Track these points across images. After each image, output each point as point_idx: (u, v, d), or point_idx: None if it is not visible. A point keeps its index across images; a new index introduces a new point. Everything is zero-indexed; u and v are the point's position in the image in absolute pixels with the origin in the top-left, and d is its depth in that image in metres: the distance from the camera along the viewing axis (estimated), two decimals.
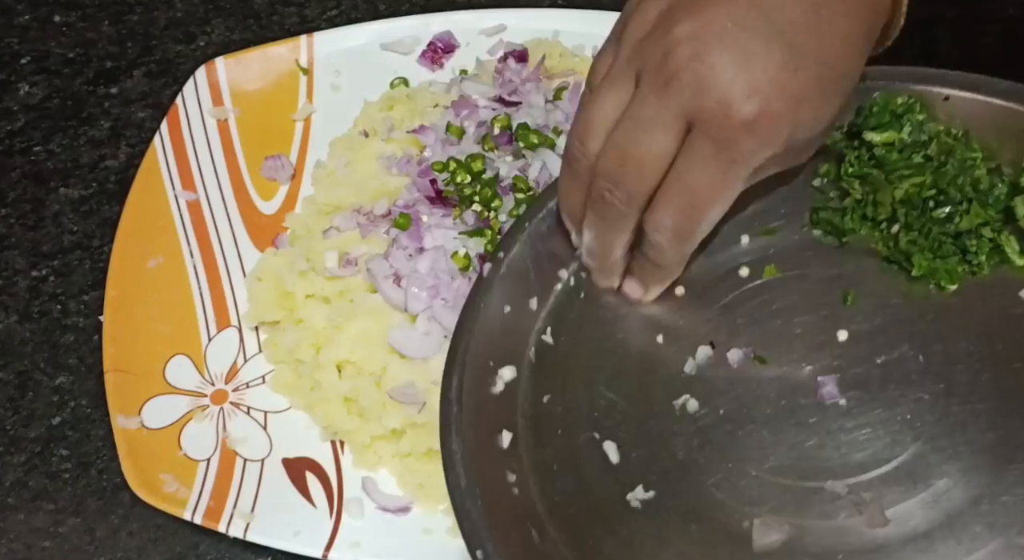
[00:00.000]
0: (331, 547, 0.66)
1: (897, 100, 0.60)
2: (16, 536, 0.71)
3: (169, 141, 0.84)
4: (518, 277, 0.60)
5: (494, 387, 0.57)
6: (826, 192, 0.62)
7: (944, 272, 0.57)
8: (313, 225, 0.79)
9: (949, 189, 0.58)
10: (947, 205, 0.58)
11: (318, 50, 0.89)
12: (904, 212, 0.58)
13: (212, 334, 0.76)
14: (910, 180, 0.58)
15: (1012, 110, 0.59)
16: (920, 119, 0.59)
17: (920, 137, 0.59)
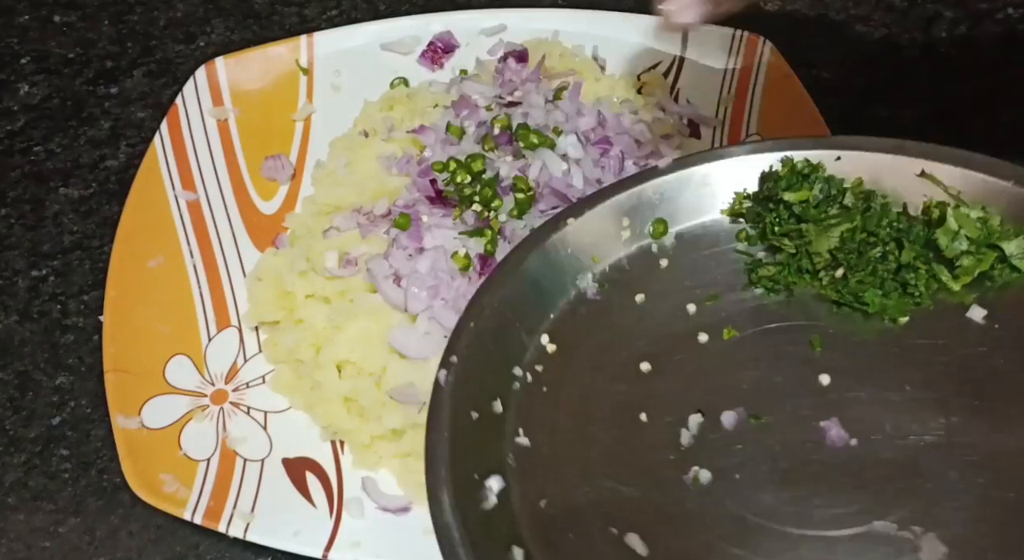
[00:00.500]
0: (331, 547, 0.66)
1: (797, 164, 0.64)
2: (16, 536, 0.71)
3: (169, 141, 0.84)
4: (474, 381, 0.58)
5: (486, 502, 0.54)
6: (752, 254, 0.64)
7: (893, 306, 0.60)
8: (313, 225, 0.79)
9: (878, 231, 0.62)
10: (878, 245, 0.62)
11: (318, 50, 0.89)
12: (843, 256, 0.61)
13: (212, 334, 0.76)
14: (840, 227, 0.62)
15: (896, 161, 0.64)
16: (826, 176, 0.64)
17: (830, 192, 0.63)
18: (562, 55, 0.87)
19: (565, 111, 0.79)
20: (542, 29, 0.89)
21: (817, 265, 0.62)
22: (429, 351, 0.70)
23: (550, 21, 0.89)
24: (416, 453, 0.69)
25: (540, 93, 0.81)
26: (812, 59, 0.87)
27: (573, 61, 0.86)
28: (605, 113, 0.80)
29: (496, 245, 0.72)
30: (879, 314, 0.60)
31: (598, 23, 0.89)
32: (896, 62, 0.92)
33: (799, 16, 0.96)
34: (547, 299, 0.63)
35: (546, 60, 0.84)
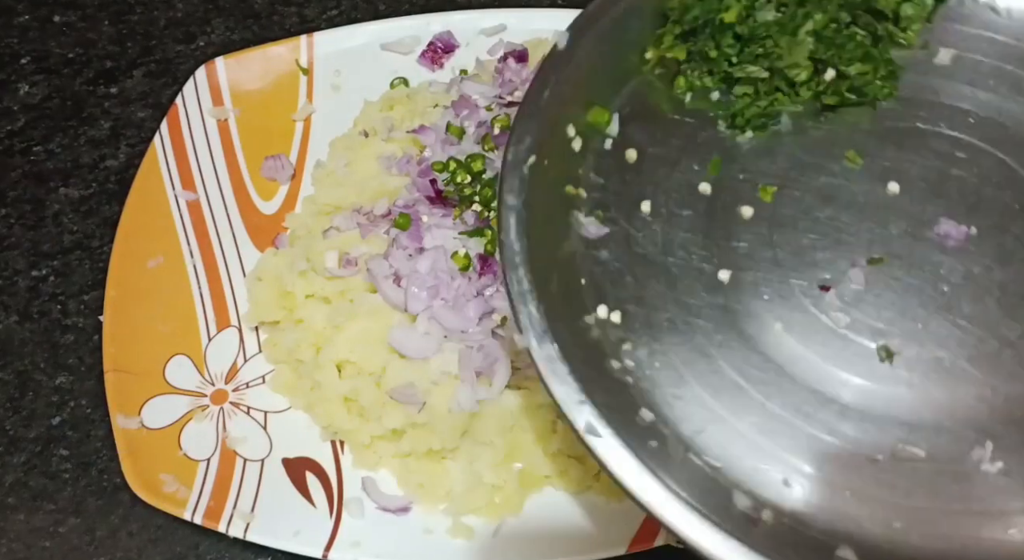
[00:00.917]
0: (331, 547, 0.66)
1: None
2: (16, 536, 0.71)
3: (169, 141, 0.84)
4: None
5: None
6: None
7: (888, 87, 0.60)
8: (313, 225, 0.79)
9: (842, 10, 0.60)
10: (854, 26, 0.60)
11: (318, 50, 0.89)
12: (830, 54, 0.59)
13: (212, 334, 0.76)
14: (808, 26, 0.59)
15: None
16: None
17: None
18: None
19: None
20: (542, 29, 0.88)
21: (798, 78, 0.59)
22: (429, 351, 0.70)
23: (550, 21, 0.89)
24: (416, 453, 0.69)
25: None
26: None
27: None
28: None
29: (496, 245, 0.72)
30: (874, 99, 0.60)
31: None
32: None
33: None
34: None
35: None
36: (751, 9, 0.59)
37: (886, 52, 0.60)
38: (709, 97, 0.60)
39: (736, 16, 0.58)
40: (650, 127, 0.58)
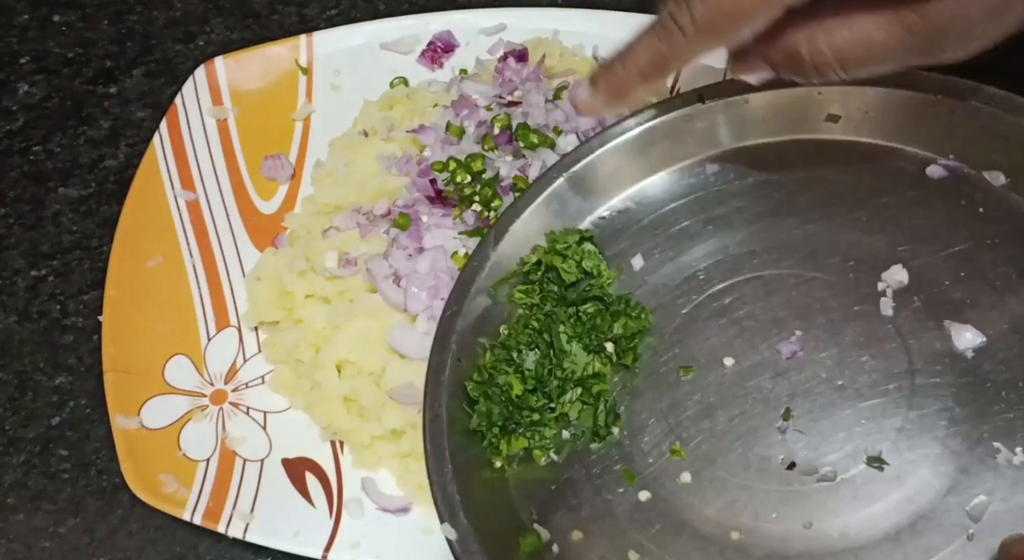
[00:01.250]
0: (331, 547, 0.66)
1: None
2: (16, 536, 0.71)
3: (168, 141, 0.84)
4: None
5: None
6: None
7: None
8: (313, 225, 0.79)
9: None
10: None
11: (318, 50, 0.89)
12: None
13: (211, 334, 0.76)
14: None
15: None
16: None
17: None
18: (562, 55, 0.86)
19: (565, 111, 0.79)
20: (542, 29, 0.88)
21: (598, 369, 0.62)
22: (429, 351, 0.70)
23: (550, 21, 0.89)
24: (416, 453, 0.69)
25: (540, 93, 0.81)
26: None
27: (573, 61, 0.86)
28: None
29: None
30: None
31: (598, 23, 0.89)
32: None
33: None
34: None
35: (546, 60, 0.84)
36: (521, 368, 0.61)
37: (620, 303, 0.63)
38: (573, 445, 0.61)
39: (520, 384, 0.61)
40: (561, 507, 0.59)
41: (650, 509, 0.56)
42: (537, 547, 0.56)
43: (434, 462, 0.58)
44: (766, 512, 0.55)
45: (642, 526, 0.56)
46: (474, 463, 0.59)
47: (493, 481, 0.59)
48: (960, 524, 0.52)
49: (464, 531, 0.55)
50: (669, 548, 0.55)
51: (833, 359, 0.58)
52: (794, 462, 0.56)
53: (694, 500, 0.56)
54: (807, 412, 0.57)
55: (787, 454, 0.56)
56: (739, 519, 0.55)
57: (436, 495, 0.57)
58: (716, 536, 0.55)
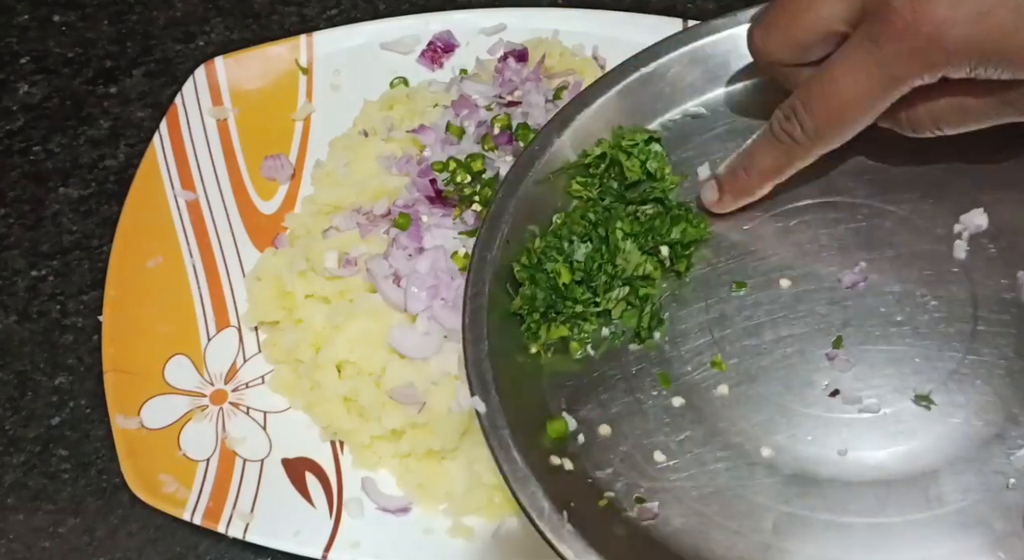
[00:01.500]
0: (331, 547, 0.66)
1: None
2: (16, 536, 0.71)
3: (168, 141, 0.84)
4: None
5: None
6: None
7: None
8: (313, 225, 0.79)
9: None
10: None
11: (318, 50, 0.89)
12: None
13: (211, 334, 0.76)
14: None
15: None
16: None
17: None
18: (562, 55, 0.86)
19: None
20: (542, 28, 0.88)
21: (650, 272, 0.62)
22: (429, 351, 0.70)
23: (550, 21, 0.89)
24: (415, 453, 0.69)
25: (540, 93, 0.81)
26: None
27: (573, 61, 0.86)
28: None
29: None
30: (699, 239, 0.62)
31: (598, 23, 0.89)
32: None
33: None
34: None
35: (546, 59, 0.84)
36: (571, 258, 0.61)
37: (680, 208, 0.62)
38: (611, 342, 0.60)
39: (569, 274, 0.60)
40: (591, 400, 0.58)
41: (681, 415, 0.56)
42: (562, 434, 0.56)
43: (471, 338, 0.57)
44: (801, 434, 0.54)
45: (672, 430, 0.55)
46: (510, 346, 0.58)
47: (526, 365, 0.58)
48: (1001, 471, 0.51)
49: (494, 406, 0.55)
50: (696, 454, 0.54)
51: (895, 294, 0.57)
52: (838, 390, 0.55)
53: (728, 412, 0.55)
54: (859, 342, 0.56)
55: (832, 381, 0.55)
56: (772, 437, 0.54)
57: (470, 370, 0.56)
58: (746, 450, 0.54)
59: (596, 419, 0.56)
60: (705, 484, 0.54)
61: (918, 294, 0.57)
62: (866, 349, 0.56)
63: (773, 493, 0.53)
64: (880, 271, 0.58)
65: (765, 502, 0.53)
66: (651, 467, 0.54)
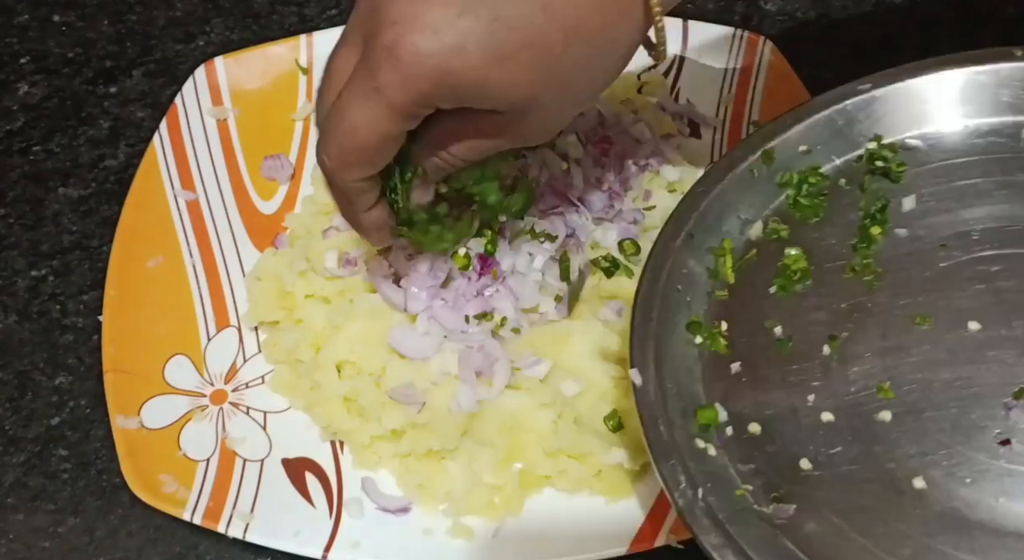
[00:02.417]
0: (331, 547, 0.66)
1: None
2: (16, 536, 0.71)
3: (168, 141, 0.84)
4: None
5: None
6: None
7: None
8: (313, 225, 0.79)
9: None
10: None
11: (318, 49, 0.89)
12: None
13: (211, 334, 0.76)
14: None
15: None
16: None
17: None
18: None
19: None
20: None
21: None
22: (429, 351, 0.70)
23: None
24: (416, 453, 0.69)
25: None
26: (812, 59, 0.87)
27: None
28: (605, 113, 0.80)
29: (496, 245, 0.72)
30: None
31: None
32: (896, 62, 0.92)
33: (799, 16, 0.96)
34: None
35: None
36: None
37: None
38: (779, 348, 0.61)
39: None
40: (747, 398, 0.58)
41: (835, 431, 0.55)
42: (712, 422, 0.56)
43: (640, 314, 0.58)
44: (961, 473, 0.53)
45: (823, 442, 0.55)
46: (675, 330, 0.59)
47: (687, 353, 0.59)
48: None
49: (649, 380, 0.55)
50: (845, 470, 0.54)
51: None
52: (1010, 439, 0.53)
53: (888, 437, 0.54)
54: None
55: (1005, 430, 0.54)
56: (928, 470, 0.53)
57: (634, 342, 0.57)
58: (898, 477, 0.53)
59: (748, 417, 0.56)
60: (848, 499, 0.53)
61: None
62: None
63: (918, 523, 0.52)
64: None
65: (907, 529, 0.52)
66: (795, 472, 0.54)
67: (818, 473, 0.54)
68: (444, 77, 0.52)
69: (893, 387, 0.56)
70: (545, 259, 0.72)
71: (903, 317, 0.58)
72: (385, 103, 0.54)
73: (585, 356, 0.69)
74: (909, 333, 0.58)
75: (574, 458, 0.67)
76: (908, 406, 0.55)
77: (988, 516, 0.52)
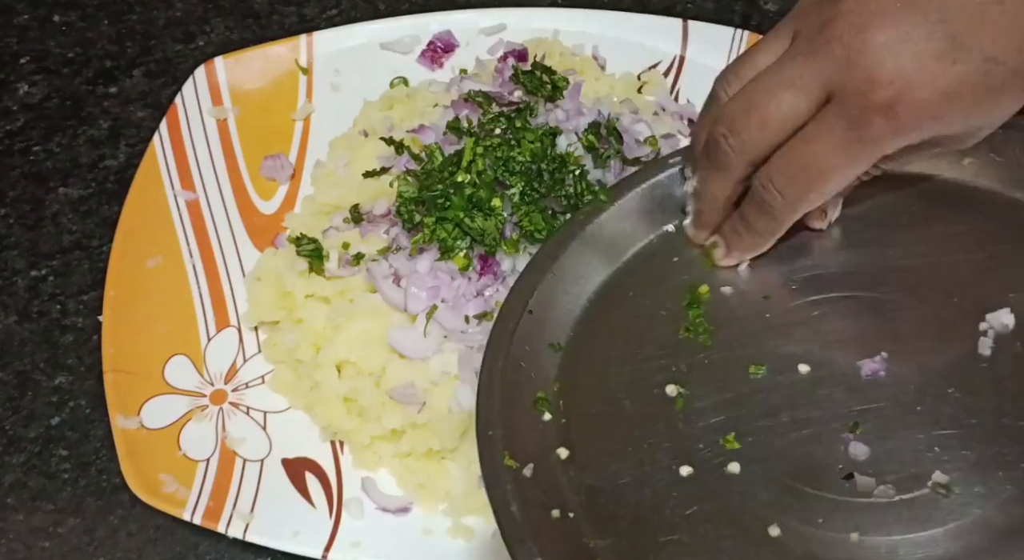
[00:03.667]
0: (331, 547, 0.66)
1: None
2: (16, 536, 0.71)
3: (168, 141, 0.84)
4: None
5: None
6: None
7: None
8: (313, 225, 0.79)
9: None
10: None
11: (318, 50, 0.89)
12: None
13: (211, 334, 0.76)
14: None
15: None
16: None
17: None
18: (562, 55, 0.87)
19: (565, 110, 0.79)
20: (542, 28, 0.88)
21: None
22: (429, 351, 0.70)
23: (550, 21, 0.89)
24: (416, 453, 0.69)
25: None
26: None
27: (573, 60, 0.86)
28: (605, 113, 0.80)
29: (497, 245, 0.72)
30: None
31: (598, 22, 0.89)
32: None
33: None
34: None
35: (546, 60, 0.84)
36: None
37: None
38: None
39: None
40: (599, 470, 0.58)
41: (689, 491, 0.55)
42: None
43: (485, 398, 0.57)
44: (812, 516, 0.53)
45: (678, 504, 0.54)
46: (521, 408, 0.59)
47: (536, 429, 0.58)
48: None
49: (498, 463, 0.55)
50: (701, 530, 0.53)
51: (916, 385, 0.56)
52: (853, 473, 0.54)
53: (738, 488, 0.55)
54: (877, 429, 0.55)
55: (847, 465, 0.54)
56: (782, 517, 0.53)
57: (480, 428, 0.56)
58: (753, 529, 0.53)
59: (601, 487, 0.56)
60: (709, 558, 0.53)
61: (940, 386, 0.56)
62: (884, 436, 0.54)
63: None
64: (901, 362, 0.57)
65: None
66: (653, 539, 0.54)
67: (676, 537, 0.54)
68: (935, 124, 0.52)
69: (738, 438, 0.56)
70: None
71: (738, 369, 0.59)
72: (869, 153, 0.53)
73: None
74: (745, 383, 0.58)
75: None
76: (753, 455, 0.55)
77: (846, 555, 0.52)
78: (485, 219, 0.72)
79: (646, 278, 0.64)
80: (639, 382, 0.60)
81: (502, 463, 0.54)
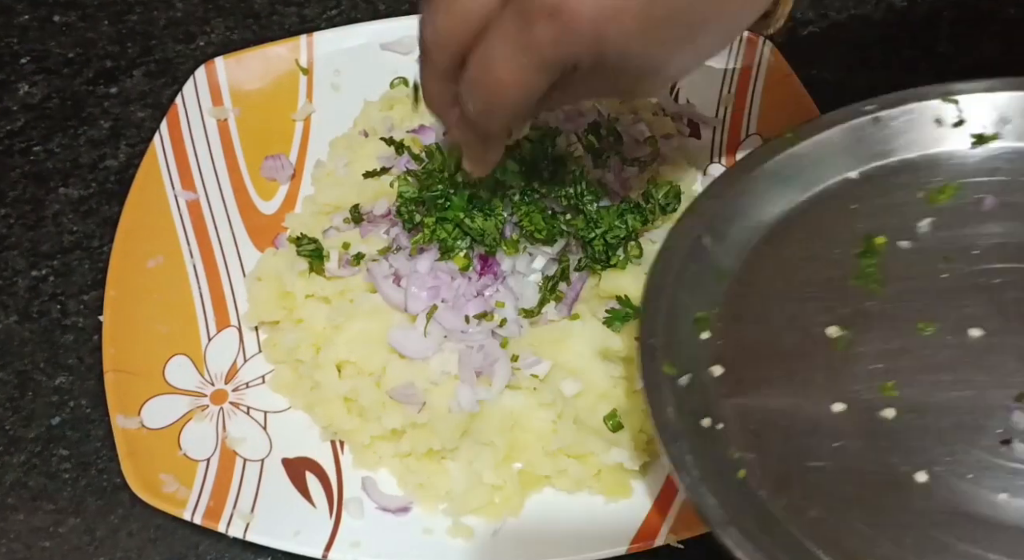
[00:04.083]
0: (331, 547, 0.66)
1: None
2: (16, 536, 0.71)
3: (169, 141, 0.84)
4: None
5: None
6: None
7: None
8: (313, 225, 0.79)
9: None
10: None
11: (318, 50, 0.89)
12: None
13: (212, 334, 0.76)
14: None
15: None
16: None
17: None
18: None
19: (564, 110, 0.79)
20: None
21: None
22: (429, 351, 0.70)
23: None
24: (416, 453, 0.69)
25: None
26: (812, 59, 0.87)
27: None
28: (605, 113, 0.80)
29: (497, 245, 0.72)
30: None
31: None
32: (896, 62, 0.92)
33: (799, 16, 0.96)
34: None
35: None
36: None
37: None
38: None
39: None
40: (753, 391, 0.60)
41: (839, 426, 0.56)
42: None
43: (651, 306, 0.61)
44: (962, 470, 0.54)
45: (827, 436, 0.56)
46: (683, 323, 0.61)
47: (694, 345, 0.61)
48: None
49: (657, 368, 0.58)
50: (847, 464, 0.55)
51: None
52: (1011, 439, 0.54)
53: (890, 433, 0.55)
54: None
55: (1006, 430, 0.54)
56: (931, 466, 0.54)
57: (644, 332, 0.60)
58: (900, 471, 0.54)
59: (753, 407, 0.58)
60: (851, 491, 0.54)
61: None
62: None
63: (920, 515, 0.53)
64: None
65: (910, 520, 0.53)
66: (799, 463, 0.55)
67: (821, 464, 0.55)
68: (597, 42, 0.53)
69: (897, 387, 0.57)
70: (545, 259, 0.72)
71: (907, 322, 0.59)
72: (537, 59, 0.54)
73: (585, 356, 0.70)
74: (912, 337, 0.59)
75: (574, 458, 0.67)
76: (911, 406, 0.56)
77: (990, 510, 0.53)
78: (485, 219, 0.72)
79: (822, 220, 0.65)
80: (800, 319, 0.61)
81: (661, 370, 0.57)
